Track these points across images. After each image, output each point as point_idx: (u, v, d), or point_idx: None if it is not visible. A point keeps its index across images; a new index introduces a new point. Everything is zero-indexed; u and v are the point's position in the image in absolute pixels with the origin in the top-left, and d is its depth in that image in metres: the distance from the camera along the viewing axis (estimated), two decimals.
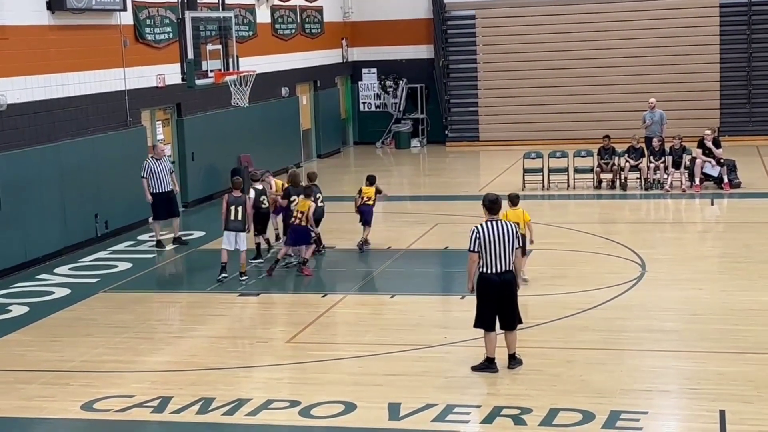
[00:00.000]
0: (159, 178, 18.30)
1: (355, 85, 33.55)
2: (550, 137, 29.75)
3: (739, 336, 12.11)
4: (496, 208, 11.04)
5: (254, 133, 25.36)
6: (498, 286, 10.95)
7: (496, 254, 10.85)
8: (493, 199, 11.09)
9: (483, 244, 10.85)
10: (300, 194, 16.24)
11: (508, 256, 10.89)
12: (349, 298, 14.78)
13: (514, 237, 10.91)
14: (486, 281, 10.99)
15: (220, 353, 12.45)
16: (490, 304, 11.03)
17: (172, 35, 21.46)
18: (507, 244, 10.85)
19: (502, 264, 10.88)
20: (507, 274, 10.94)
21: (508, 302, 11.05)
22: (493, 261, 10.87)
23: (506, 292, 10.99)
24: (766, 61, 30.07)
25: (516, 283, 11.12)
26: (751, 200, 21.23)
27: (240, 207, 15.48)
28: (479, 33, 32.09)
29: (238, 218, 15.48)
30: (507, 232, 10.89)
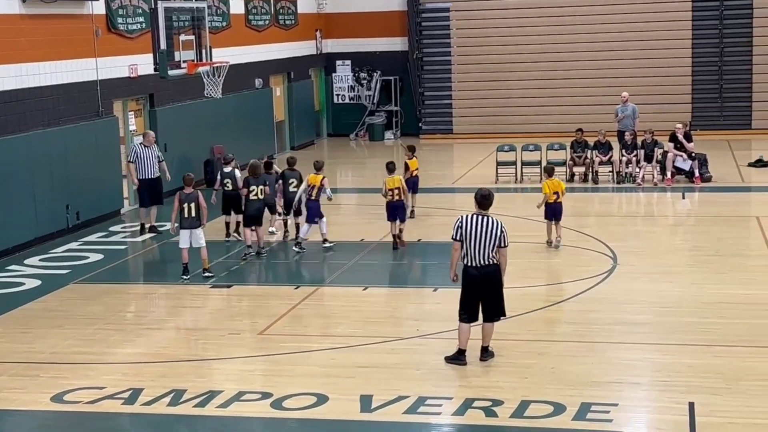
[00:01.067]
0: (145, 164, 18.55)
1: (329, 77, 33.49)
2: (524, 130, 29.80)
3: (709, 329, 12.19)
4: (485, 203, 10.99)
5: (227, 125, 25.27)
6: (477, 279, 10.95)
7: (475, 247, 10.84)
8: (485, 194, 11.06)
9: (464, 234, 10.85)
10: (259, 185, 16.38)
11: (488, 251, 10.84)
12: (321, 290, 14.77)
13: (496, 235, 10.83)
14: (466, 273, 11.02)
15: (192, 345, 12.42)
16: (468, 296, 11.06)
17: (144, 25, 21.32)
18: (488, 240, 10.80)
19: (481, 258, 10.86)
20: (488, 267, 10.90)
21: (490, 295, 11.02)
22: (473, 253, 10.88)
23: (487, 285, 10.96)
24: (738, 56, 30.28)
25: (500, 276, 11.02)
26: (722, 194, 21.39)
27: (193, 204, 15.19)
28: (453, 26, 32.11)
29: (192, 215, 15.21)
30: (490, 227, 10.83)
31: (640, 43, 30.56)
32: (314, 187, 16.87)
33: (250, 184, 16.45)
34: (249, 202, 16.44)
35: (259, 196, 16.44)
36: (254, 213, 16.47)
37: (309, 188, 16.94)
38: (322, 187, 16.86)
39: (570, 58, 31.00)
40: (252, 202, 16.45)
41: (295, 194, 17.14)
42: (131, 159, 18.72)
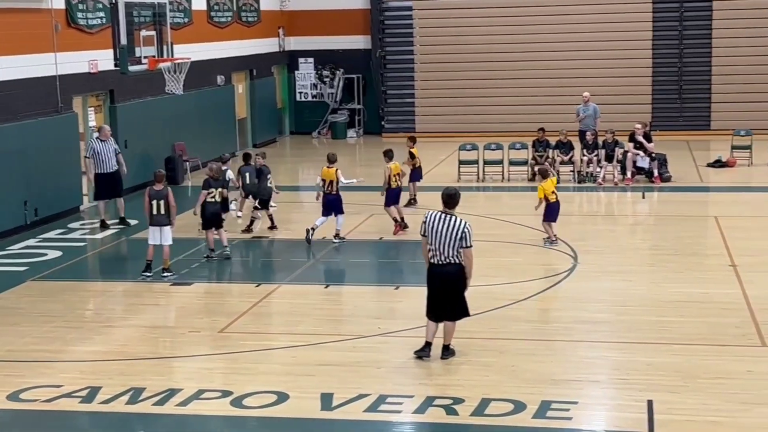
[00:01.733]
0: (103, 159, 18.75)
1: (292, 74, 33.40)
2: (486, 129, 29.90)
3: (667, 327, 12.30)
4: (451, 202, 11.01)
5: (189, 122, 25.13)
6: (436, 277, 10.98)
7: (437, 245, 10.86)
8: (451, 193, 11.08)
9: (428, 230, 10.90)
10: (218, 187, 16.07)
11: (450, 250, 10.84)
12: (283, 288, 14.72)
13: (459, 236, 10.81)
14: (429, 270, 11.09)
15: (152, 343, 12.33)
16: (430, 293, 11.13)
17: (105, 20, 21.14)
18: (450, 239, 10.80)
19: (440, 256, 10.88)
20: (448, 266, 10.90)
21: (449, 294, 11.02)
22: (435, 251, 10.91)
23: (445, 283, 10.97)
24: (697, 57, 30.59)
25: (462, 277, 10.98)
26: (681, 194, 21.59)
27: (162, 201, 15.07)
28: (416, 24, 32.15)
29: (161, 212, 15.10)
30: (453, 227, 10.83)
31: (601, 43, 30.77)
32: (331, 182, 17.12)
33: (210, 186, 16.16)
34: (206, 205, 16.10)
35: (216, 199, 16.13)
36: (211, 216, 16.13)
37: (324, 183, 17.24)
38: (334, 180, 17.15)
39: (532, 57, 31.14)
40: (209, 205, 16.10)
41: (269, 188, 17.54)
42: (88, 154, 18.90)
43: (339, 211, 17.28)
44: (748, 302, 13.14)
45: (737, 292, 13.68)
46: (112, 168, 18.87)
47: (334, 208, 17.23)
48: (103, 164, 18.78)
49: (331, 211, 17.23)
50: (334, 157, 17.58)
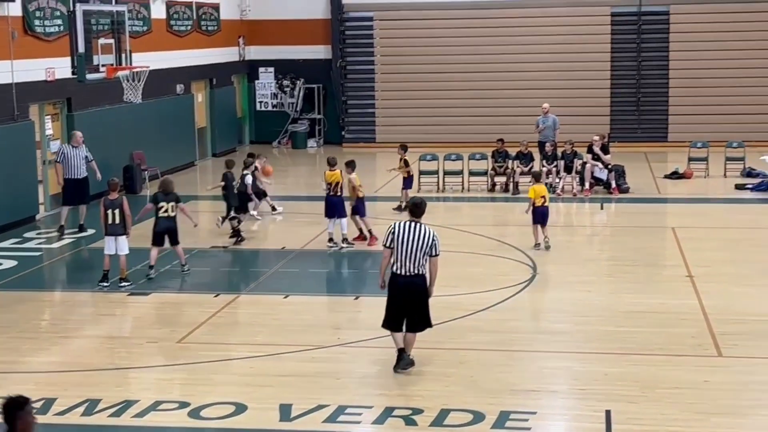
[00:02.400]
0: (73, 165, 18.84)
1: (252, 84, 33.31)
2: (446, 140, 29.97)
3: (625, 337, 12.37)
4: (417, 211, 10.97)
5: (148, 131, 24.95)
6: (403, 288, 10.90)
7: (405, 255, 10.79)
8: (417, 202, 11.06)
9: (395, 241, 10.81)
10: (169, 202, 15.42)
11: (418, 260, 10.80)
12: (242, 298, 14.64)
13: (428, 244, 10.78)
14: (393, 281, 10.98)
15: (108, 354, 12.20)
16: (393, 305, 11.02)
17: (62, 28, 20.94)
18: (419, 248, 10.76)
19: (410, 266, 10.81)
20: (416, 277, 10.85)
21: (416, 305, 10.96)
22: (402, 261, 10.83)
23: (413, 295, 10.91)
24: (655, 70, 30.93)
25: (427, 288, 10.97)
26: (638, 205, 21.77)
27: (117, 210, 14.91)
28: (377, 35, 32.20)
29: (116, 222, 14.92)
30: (422, 236, 10.78)
31: (560, 55, 30.97)
32: (336, 184, 17.29)
33: (159, 201, 15.52)
34: (159, 220, 15.53)
35: (169, 214, 15.47)
36: (164, 231, 15.56)
37: (328, 185, 17.35)
38: (340, 182, 17.36)
39: (492, 69, 31.29)
40: (161, 220, 15.49)
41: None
42: (59, 159, 19.05)
43: (342, 214, 17.44)
44: (705, 312, 13.26)
45: (694, 302, 13.81)
46: (81, 174, 18.97)
47: (337, 211, 17.39)
48: (72, 170, 18.88)
49: (335, 213, 17.37)
50: (335, 161, 17.86)
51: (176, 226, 15.67)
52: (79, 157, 18.96)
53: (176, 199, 15.67)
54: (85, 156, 19.08)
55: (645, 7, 30.71)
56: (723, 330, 12.47)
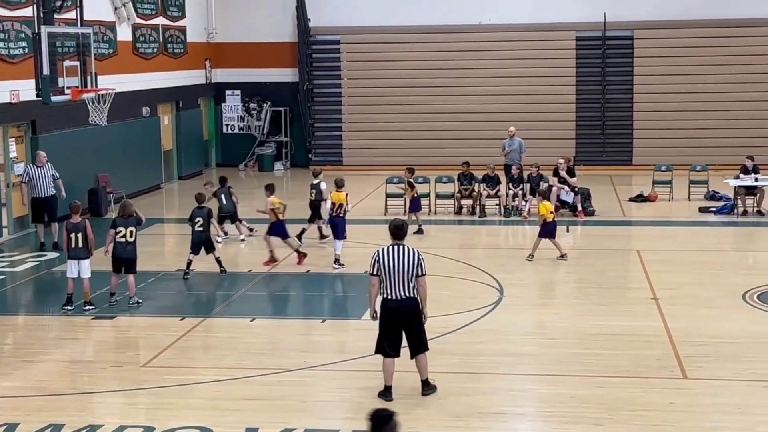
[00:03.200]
0: (38, 184, 19.37)
1: (219, 106, 33.25)
2: (413, 163, 29.91)
3: (591, 360, 12.41)
4: (399, 233, 10.91)
5: (113, 153, 24.81)
6: (397, 313, 10.80)
7: (393, 280, 10.70)
8: (399, 224, 11.00)
9: (382, 268, 10.71)
10: (128, 226, 15.03)
11: (407, 282, 10.72)
12: (208, 321, 14.55)
13: (415, 264, 10.71)
14: (385, 307, 10.84)
15: (72, 378, 12.07)
16: (387, 330, 10.88)
17: (27, 50, 20.81)
18: (406, 269, 10.69)
19: (400, 290, 10.72)
20: (407, 300, 10.75)
21: (411, 329, 10.87)
22: (391, 286, 10.72)
23: (406, 318, 10.82)
24: (620, 94, 31.23)
25: (420, 310, 10.87)
26: (604, 227, 21.90)
27: (80, 234, 14.77)
28: (344, 58, 32.29)
29: (79, 245, 14.77)
30: (408, 258, 10.71)
31: (526, 79, 31.20)
32: (340, 205, 17.76)
33: (117, 225, 15.08)
34: (116, 245, 15.09)
35: (127, 239, 15.04)
36: (120, 256, 15.21)
37: (334, 206, 17.76)
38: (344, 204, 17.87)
39: (459, 92, 31.43)
40: (119, 246, 15.10)
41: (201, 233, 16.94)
42: (24, 180, 19.58)
43: (342, 235, 17.80)
44: (670, 335, 13.34)
45: (659, 324, 13.89)
46: (48, 193, 19.46)
47: (339, 231, 17.74)
48: (39, 189, 19.36)
49: (343, 233, 17.81)
50: (342, 182, 18.29)
51: (134, 254, 15.20)
52: (44, 177, 19.37)
53: (135, 223, 15.23)
54: (52, 174, 19.49)
55: (609, 32, 31.04)
56: (688, 352, 12.55)
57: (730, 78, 30.47)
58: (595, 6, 30.85)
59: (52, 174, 19.50)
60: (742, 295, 15.45)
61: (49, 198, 19.39)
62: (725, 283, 16.35)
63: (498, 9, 31.23)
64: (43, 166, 19.42)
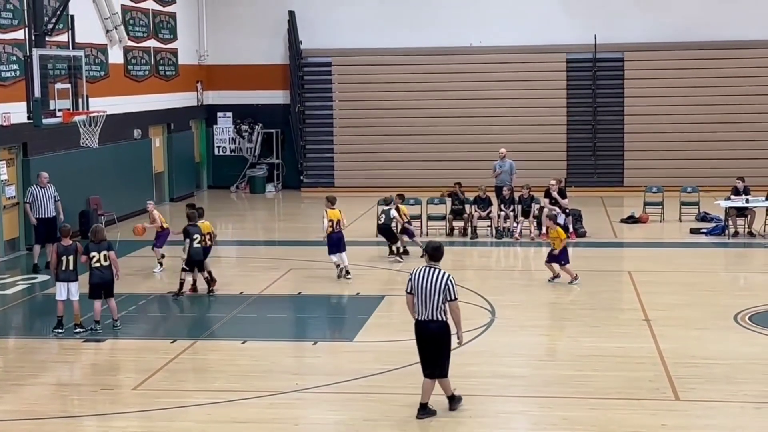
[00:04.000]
0: (41, 205, 19.40)
1: (210, 128, 33.28)
2: (404, 184, 30.07)
3: (583, 381, 12.39)
4: (436, 255, 10.95)
5: (105, 175, 24.80)
6: (423, 333, 10.86)
7: (422, 300, 10.79)
8: (436, 246, 11.04)
9: (414, 288, 10.85)
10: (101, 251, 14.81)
11: (434, 306, 10.73)
12: (199, 343, 14.50)
13: (442, 288, 10.73)
14: (415, 326, 11.00)
15: (63, 401, 12.01)
16: (419, 350, 11.01)
17: (18, 73, 20.82)
18: (435, 292, 10.71)
19: (425, 311, 10.78)
20: (431, 323, 10.78)
21: (431, 351, 10.89)
22: (420, 307, 10.84)
23: (427, 340, 10.84)
24: (610, 116, 31.34)
25: (445, 334, 10.87)
26: (595, 249, 21.92)
27: (71, 256, 14.75)
28: (335, 80, 32.36)
29: (70, 268, 14.73)
30: (436, 281, 10.73)
31: (517, 101, 31.33)
32: (338, 221, 18.22)
33: (90, 251, 14.82)
34: (92, 271, 14.87)
35: (101, 263, 14.82)
36: (99, 282, 14.85)
37: (331, 222, 18.13)
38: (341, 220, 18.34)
39: (450, 114, 31.54)
40: (95, 271, 14.85)
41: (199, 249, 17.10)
42: (27, 200, 19.62)
43: (344, 248, 18.34)
44: (662, 356, 13.33)
45: (651, 346, 13.88)
46: (50, 214, 19.42)
47: (342, 245, 18.22)
48: (41, 209, 19.40)
49: (340, 249, 18.19)
50: (335, 199, 18.75)
51: (111, 277, 15.03)
52: (46, 197, 19.44)
53: (108, 247, 15.02)
54: (53, 196, 19.56)
55: (600, 54, 31.18)
56: (680, 373, 12.54)
57: (720, 99, 30.63)
58: (585, 28, 31.01)
59: (53, 195, 19.56)
60: (734, 316, 15.46)
61: (51, 219, 19.41)
62: (717, 305, 16.36)
63: (489, 31, 31.36)
64: (45, 187, 19.49)
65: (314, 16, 32.07)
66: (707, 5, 30.83)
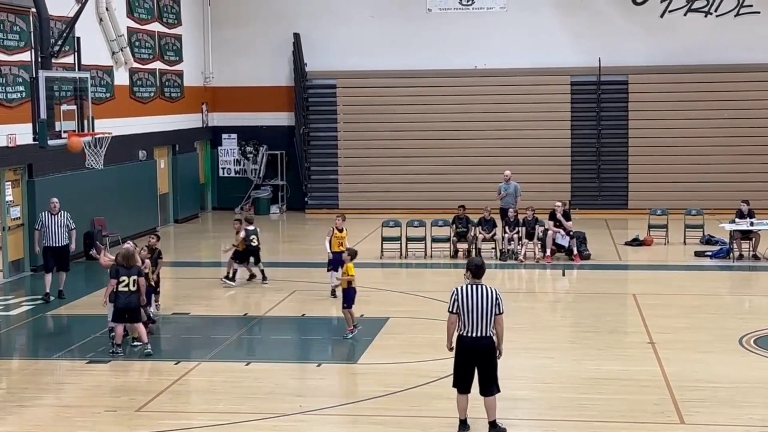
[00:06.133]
0: (51, 232, 18.70)
1: (215, 150, 33.36)
2: (409, 206, 30.16)
3: (587, 404, 12.36)
4: (480, 272, 11.04)
5: (110, 197, 24.85)
6: (472, 351, 10.88)
7: (472, 318, 10.81)
8: (479, 263, 11.14)
9: (461, 306, 10.83)
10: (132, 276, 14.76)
11: (486, 322, 10.81)
12: (203, 365, 14.48)
13: (494, 303, 10.85)
14: (461, 344, 10.97)
15: (66, 423, 11.98)
16: (462, 367, 11.00)
17: (24, 94, 20.93)
18: (485, 310, 10.79)
19: (478, 328, 10.81)
20: (484, 339, 10.85)
21: (484, 368, 10.94)
22: (469, 324, 10.84)
23: (481, 357, 10.89)
24: (615, 138, 31.38)
25: (496, 349, 10.98)
26: (600, 272, 21.90)
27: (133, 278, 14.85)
28: (340, 102, 32.44)
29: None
30: (487, 297, 10.84)
31: (522, 123, 31.39)
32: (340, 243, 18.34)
33: (120, 275, 14.78)
34: (118, 294, 14.76)
35: (130, 288, 14.75)
36: (124, 307, 14.83)
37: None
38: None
39: (455, 136, 31.60)
40: (121, 295, 14.74)
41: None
42: (37, 227, 19.07)
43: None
44: (667, 379, 13.30)
45: (655, 369, 13.84)
46: (61, 242, 18.72)
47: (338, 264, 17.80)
48: (51, 238, 18.68)
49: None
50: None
51: (137, 303, 14.94)
52: (57, 224, 18.70)
53: (138, 273, 14.97)
54: (66, 224, 18.83)
55: (604, 77, 31.24)
56: (685, 397, 12.50)
57: (724, 122, 30.65)
58: (589, 51, 31.09)
59: (66, 223, 18.82)
60: (739, 339, 15.42)
61: (62, 247, 18.69)
62: (722, 328, 16.33)
63: (493, 54, 31.45)
64: (57, 214, 18.78)
65: (319, 39, 32.19)
66: (711, 28, 30.91)
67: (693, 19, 31.04)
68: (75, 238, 19.25)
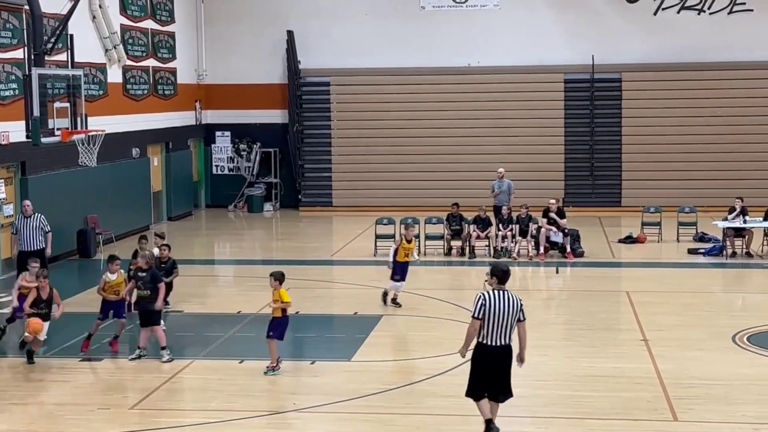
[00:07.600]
0: (24, 236, 18.18)
1: (209, 147, 33.32)
2: (402, 204, 30.17)
3: (581, 402, 12.38)
4: (506, 278, 10.83)
5: (103, 194, 24.81)
6: (494, 358, 10.75)
7: (497, 326, 10.63)
8: (505, 269, 10.87)
9: (487, 312, 10.61)
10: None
11: (509, 329, 10.69)
12: (196, 363, 14.46)
13: (518, 310, 10.70)
14: (483, 351, 10.76)
15: (60, 421, 11.96)
16: (482, 374, 10.84)
17: (18, 92, 20.88)
18: (510, 317, 10.66)
19: (502, 336, 10.68)
20: (505, 347, 10.74)
21: (501, 375, 10.85)
22: (493, 332, 10.66)
23: (501, 365, 10.80)
24: (608, 136, 31.41)
25: (512, 356, 10.87)
26: (593, 269, 21.92)
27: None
28: (334, 100, 32.43)
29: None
30: (512, 304, 10.67)
31: (515, 120, 31.40)
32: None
33: (137, 279, 14.77)
34: (139, 299, 14.76)
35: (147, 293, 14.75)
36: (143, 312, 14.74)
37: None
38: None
39: (448, 133, 31.59)
40: (141, 299, 14.72)
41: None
42: (13, 230, 18.65)
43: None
44: (660, 376, 13.32)
45: (649, 366, 13.87)
46: (35, 246, 18.04)
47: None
48: (25, 242, 18.12)
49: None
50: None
51: (153, 306, 14.78)
52: (31, 228, 18.15)
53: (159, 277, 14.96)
54: (41, 227, 18.28)
55: (597, 74, 31.27)
56: (678, 394, 12.53)
57: (717, 120, 30.70)
58: (583, 49, 31.11)
59: (41, 226, 18.26)
60: (732, 336, 15.45)
61: (37, 252, 17.75)
62: (715, 325, 16.36)
63: (487, 51, 31.47)
64: (30, 217, 18.17)
65: (313, 36, 32.17)
66: (704, 26, 30.96)
67: (686, 17, 31.08)
68: (51, 242, 18.49)
